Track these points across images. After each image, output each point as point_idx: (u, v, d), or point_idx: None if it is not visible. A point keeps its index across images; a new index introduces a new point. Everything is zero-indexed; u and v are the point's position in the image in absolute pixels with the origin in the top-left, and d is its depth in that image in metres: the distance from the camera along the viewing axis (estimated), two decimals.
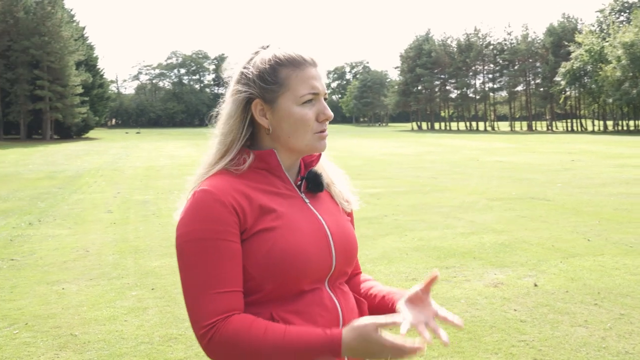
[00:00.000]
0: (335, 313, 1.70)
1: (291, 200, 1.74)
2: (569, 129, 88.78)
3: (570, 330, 5.43)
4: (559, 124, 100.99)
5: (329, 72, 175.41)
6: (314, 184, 1.81)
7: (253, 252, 1.62)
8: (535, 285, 6.84)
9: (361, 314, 1.83)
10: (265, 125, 1.73)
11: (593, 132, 77.74)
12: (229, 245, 1.60)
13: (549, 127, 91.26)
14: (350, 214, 1.95)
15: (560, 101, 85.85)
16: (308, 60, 1.73)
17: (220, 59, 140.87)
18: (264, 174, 1.74)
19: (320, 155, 1.85)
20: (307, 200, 1.78)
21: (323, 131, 1.74)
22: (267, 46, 1.76)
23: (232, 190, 1.65)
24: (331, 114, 1.74)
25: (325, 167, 1.90)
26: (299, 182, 1.80)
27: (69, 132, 72.59)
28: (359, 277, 2.01)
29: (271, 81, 1.70)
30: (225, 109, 1.76)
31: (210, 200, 1.61)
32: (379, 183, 18.24)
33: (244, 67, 1.74)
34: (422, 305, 1.71)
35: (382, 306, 1.85)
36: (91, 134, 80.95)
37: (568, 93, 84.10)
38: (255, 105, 1.72)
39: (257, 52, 1.75)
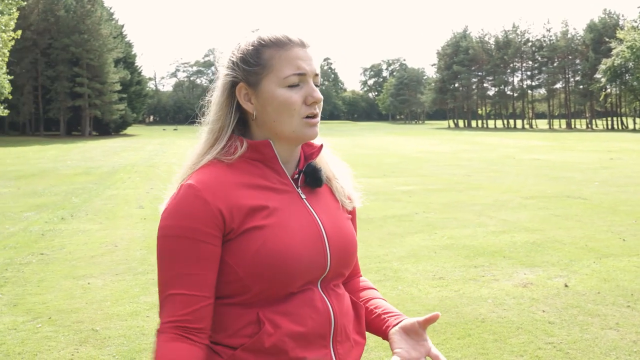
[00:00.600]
0: (327, 315, 1.61)
1: (285, 196, 1.63)
2: (609, 127, 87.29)
3: (600, 333, 5.25)
4: (598, 121, 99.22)
5: (366, 70, 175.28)
6: (312, 179, 1.69)
7: (241, 252, 1.54)
8: (566, 285, 6.65)
9: (357, 317, 1.74)
10: (250, 110, 1.63)
11: (634, 130, 76.32)
12: (205, 247, 1.52)
13: (589, 125, 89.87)
14: (352, 212, 1.83)
15: (601, 99, 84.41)
16: (294, 40, 1.62)
17: None
18: (258, 165, 1.64)
19: (321, 147, 1.74)
20: (303, 196, 1.67)
21: (313, 117, 1.62)
22: (257, 30, 1.67)
23: (220, 186, 1.56)
24: (320, 96, 1.62)
25: (328, 161, 1.78)
26: (297, 176, 1.68)
27: (107, 128, 73.66)
28: (358, 280, 1.89)
29: (254, 63, 1.61)
30: (214, 96, 1.69)
31: (193, 197, 1.53)
32: (413, 180, 18.08)
33: (231, 52, 1.66)
34: (417, 339, 1.63)
35: (376, 325, 1.75)
36: (129, 130, 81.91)
37: (609, 90, 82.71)
38: (240, 90, 1.63)
39: (245, 37, 1.67)
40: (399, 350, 1.62)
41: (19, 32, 38.68)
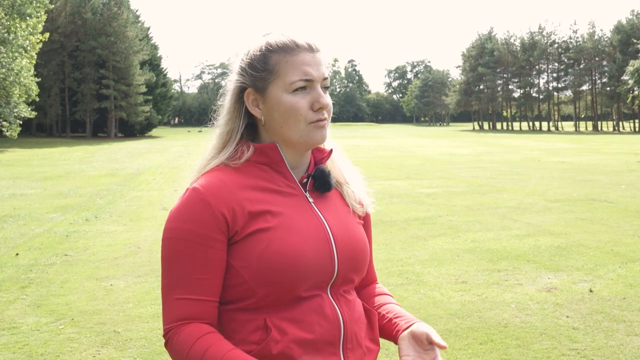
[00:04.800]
0: (336, 322, 1.59)
1: (292, 199, 1.62)
2: (637, 129, 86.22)
3: (625, 340, 5.17)
4: (626, 124, 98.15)
5: (390, 72, 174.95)
6: (320, 183, 1.68)
7: (246, 254, 1.53)
8: (591, 290, 6.56)
9: (370, 325, 1.72)
10: (258, 116, 1.64)
11: None
12: (206, 250, 1.53)
13: (616, 128, 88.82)
14: (364, 218, 1.82)
15: (628, 101, 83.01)
16: (302, 45, 1.60)
17: None
18: (264, 169, 1.64)
19: (331, 151, 1.72)
20: (310, 200, 1.66)
21: (320, 120, 1.61)
22: (267, 34, 1.66)
23: (224, 189, 1.56)
24: (327, 101, 1.60)
25: (339, 166, 1.77)
26: (305, 180, 1.67)
27: (132, 130, 74.23)
28: (374, 287, 1.87)
29: (261, 68, 1.60)
30: (225, 100, 1.69)
31: (198, 200, 1.55)
32: (436, 183, 17.97)
33: (241, 58, 1.66)
34: (424, 348, 1.60)
35: (387, 330, 1.73)
36: (154, 132, 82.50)
37: (636, 92, 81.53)
38: (248, 95, 1.63)
39: (254, 42, 1.66)
40: (407, 357, 1.59)
41: (47, 34, 39.16)
